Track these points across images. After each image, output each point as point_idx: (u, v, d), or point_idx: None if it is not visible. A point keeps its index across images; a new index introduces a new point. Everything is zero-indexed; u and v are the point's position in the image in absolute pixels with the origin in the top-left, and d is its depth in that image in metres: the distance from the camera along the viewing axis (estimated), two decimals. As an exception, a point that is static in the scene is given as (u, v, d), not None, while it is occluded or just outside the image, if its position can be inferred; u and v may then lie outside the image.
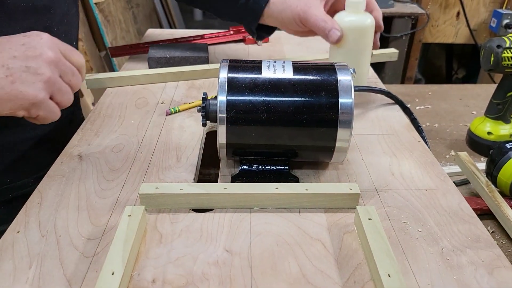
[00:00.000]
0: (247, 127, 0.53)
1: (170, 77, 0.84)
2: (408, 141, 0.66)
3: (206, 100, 0.55)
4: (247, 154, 0.57)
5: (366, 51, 0.73)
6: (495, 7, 1.98)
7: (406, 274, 0.43)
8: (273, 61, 0.56)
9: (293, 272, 0.43)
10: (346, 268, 0.44)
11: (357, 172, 0.59)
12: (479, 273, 0.44)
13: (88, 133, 0.66)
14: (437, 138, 0.92)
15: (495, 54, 0.76)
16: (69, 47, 0.55)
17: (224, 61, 0.56)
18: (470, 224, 0.50)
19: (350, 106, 0.52)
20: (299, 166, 0.60)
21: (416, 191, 0.55)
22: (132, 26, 2.29)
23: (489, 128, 0.84)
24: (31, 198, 0.53)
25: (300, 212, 0.51)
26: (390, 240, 0.47)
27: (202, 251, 0.45)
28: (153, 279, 0.42)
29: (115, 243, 0.43)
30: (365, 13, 0.71)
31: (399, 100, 0.77)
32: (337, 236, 0.48)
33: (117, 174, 0.57)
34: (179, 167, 0.59)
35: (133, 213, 0.47)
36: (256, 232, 0.48)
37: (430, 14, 2.00)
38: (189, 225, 0.49)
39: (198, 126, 0.69)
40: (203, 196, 0.51)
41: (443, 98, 1.10)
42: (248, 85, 0.53)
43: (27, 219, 0.49)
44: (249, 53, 0.99)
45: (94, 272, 0.43)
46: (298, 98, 0.52)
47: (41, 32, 0.53)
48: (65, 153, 0.61)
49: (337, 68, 0.55)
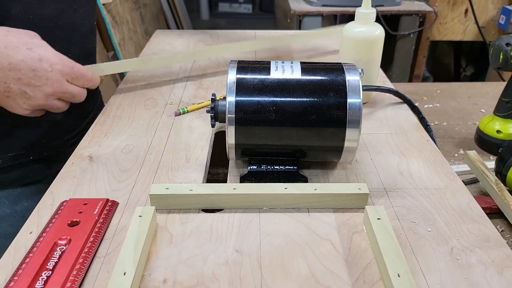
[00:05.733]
0: (256, 127, 0.53)
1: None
2: (416, 140, 0.66)
3: (215, 101, 0.55)
4: (256, 154, 0.57)
5: (375, 62, 0.74)
6: (504, 4, 1.97)
7: (415, 274, 0.43)
8: (281, 62, 0.56)
9: (303, 272, 0.43)
10: (356, 268, 0.44)
11: (365, 171, 0.59)
12: (489, 273, 0.44)
13: (98, 135, 0.67)
14: (445, 136, 0.91)
15: (504, 52, 0.75)
16: (80, 71, 0.62)
17: (232, 62, 0.56)
18: (479, 224, 0.50)
19: (359, 106, 0.52)
20: (308, 166, 0.60)
21: (425, 190, 0.55)
22: (140, 26, 2.29)
23: (498, 126, 0.84)
24: (43, 199, 0.53)
25: (309, 212, 0.51)
26: (399, 240, 0.47)
27: (212, 251, 0.46)
28: (164, 279, 0.43)
29: (126, 244, 0.44)
30: (374, 24, 0.71)
31: (407, 99, 0.77)
32: (346, 236, 0.48)
33: (127, 175, 0.58)
34: (188, 168, 0.59)
35: (144, 214, 0.47)
36: (265, 232, 0.48)
37: (438, 11, 1.99)
38: (199, 226, 0.49)
39: (207, 127, 0.69)
40: (213, 196, 0.51)
41: (452, 96, 1.10)
42: (257, 86, 0.53)
43: (40, 220, 0.50)
44: (257, 54, 0.99)
45: (106, 272, 0.43)
46: (307, 98, 0.53)
47: (55, 62, 0.59)
48: (75, 155, 0.62)
49: (345, 68, 0.55)
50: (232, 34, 1.11)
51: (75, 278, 0.42)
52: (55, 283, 0.41)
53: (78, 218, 0.49)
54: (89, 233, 0.47)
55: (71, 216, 0.49)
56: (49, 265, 0.43)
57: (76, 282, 0.41)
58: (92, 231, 0.47)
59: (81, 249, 0.45)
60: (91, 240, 0.46)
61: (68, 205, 0.51)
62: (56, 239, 0.46)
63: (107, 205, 0.51)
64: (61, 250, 0.45)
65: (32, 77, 0.57)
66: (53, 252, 0.45)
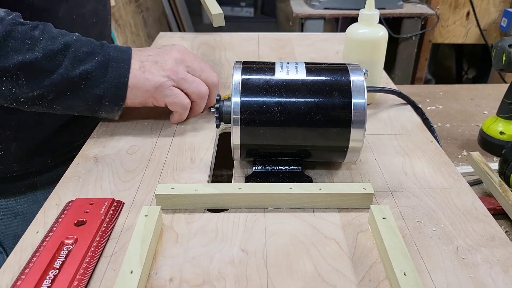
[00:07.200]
0: (261, 128, 0.53)
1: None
2: (420, 141, 0.67)
3: (220, 102, 0.55)
4: (260, 155, 0.58)
5: (378, 63, 0.74)
6: (506, 7, 1.97)
7: (421, 273, 0.43)
8: (286, 62, 0.57)
9: (309, 271, 0.44)
10: (361, 267, 0.44)
11: (370, 172, 0.59)
12: (494, 272, 0.44)
13: (103, 135, 0.67)
14: (448, 138, 0.92)
15: (506, 54, 0.76)
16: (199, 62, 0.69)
17: (237, 63, 0.56)
18: (484, 223, 0.50)
19: (363, 106, 0.52)
20: (312, 167, 0.60)
21: (429, 190, 0.56)
22: (142, 30, 2.30)
23: (502, 127, 0.84)
24: (49, 199, 0.54)
25: (314, 212, 0.52)
26: (405, 239, 0.47)
27: (218, 250, 0.46)
28: (171, 278, 0.43)
29: (133, 243, 0.44)
30: (377, 25, 0.72)
31: (411, 100, 0.77)
32: (352, 235, 0.48)
33: (133, 175, 0.58)
34: (193, 168, 0.60)
35: (150, 213, 0.48)
36: (271, 232, 0.49)
37: (440, 14, 2.00)
38: (205, 225, 0.50)
39: (212, 127, 0.69)
40: (218, 196, 0.52)
41: (454, 98, 1.10)
42: (262, 86, 0.53)
43: (46, 220, 0.50)
44: (260, 56, 0.99)
45: (112, 271, 0.43)
46: (312, 98, 0.53)
47: (175, 45, 0.69)
48: (81, 155, 0.62)
49: (350, 68, 0.55)
50: (235, 36, 1.12)
51: (82, 277, 0.42)
52: (62, 282, 0.41)
53: (85, 218, 0.49)
54: (96, 232, 0.47)
55: (77, 216, 0.49)
56: (56, 264, 0.43)
57: (83, 281, 0.42)
58: (99, 230, 0.47)
59: (87, 249, 0.45)
60: (97, 239, 0.46)
61: (74, 205, 0.51)
62: (63, 238, 0.46)
63: (113, 205, 0.52)
64: (67, 249, 0.45)
65: (158, 52, 0.66)
66: (60, 252, 0.45)
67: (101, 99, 0.61)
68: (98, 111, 0.63)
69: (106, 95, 0.61)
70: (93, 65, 0.59)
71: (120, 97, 0.62)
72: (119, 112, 0.64)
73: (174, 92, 0.65)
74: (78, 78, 0.59)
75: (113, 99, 0.62)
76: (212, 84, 0.69)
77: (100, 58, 0.60)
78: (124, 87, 0.62)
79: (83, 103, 0.61)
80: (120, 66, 0.62)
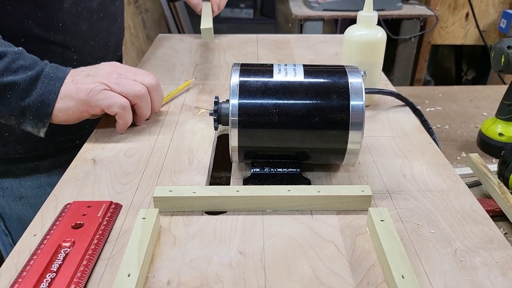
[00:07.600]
0: (259, 130, 0.53)
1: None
2: (419, 142, 0.67)
3: (218, 104, 0.55)
4: (259, 157, 0.58)
5: (377, 65, 0.74)
6: (505, 8, 1.97)
7: (419, 275, 0.43)
8: (284, 64, 0.57)
9: (307, 273, 0.44)
10: (359, 270, 0.44)
11: (368, 174, 0.59)
12: (493, 274, 0.44)
13: (102, 138, 0.67)
14: (447, 139, 0.91)
15: (505, 55, 0.76)
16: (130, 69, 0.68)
17: (235, 65, 0.56)
18: (483, 225, 0.50)
19: (362, 108, 0.52)
20: (311, 169, 0.60)
21: (428, 192, 0.55)
22: (142, 31, 2.30)
23: (501, 129, 0.84)
24: (47, 202, 0.53)
25: (313, 214, 0.52)
26: (403, 242, 0.47)
27: (216, 253, 0.46)
28: (168, 281, 0.43)
29: (130, 246, 0.44)
30: (376, 27, 0.72)
31: (409, 102, 0.77)
32: (350, 237, 0.48)
33: (131, 177, 0.58)
34: (191, 170, 0.60)
35: (148, 216, 0.48)
36: (269, 234, 0.49)
37: (439, 15, 2.00)
38: (203, 228, 0.49)
39: (210, 130, 0.69)
40: (216, 198, 0.52)
41: (453, 100, 1.10)
42: (260, 89, 0.53)
43: (43, 222, 0.50)
44: (259, 58, 0.99)
45: (109, 274, 0.43)
46: (310, 100, 0.53)
47: (110, 62, 0.68)
48: (79, 158, 0.62)
49: (348, 70, 0.55)
50: (233, 38, 1.12)
51: (79, 280, 0.42)
52: (59, 285, 0.41)
53: (82, 221, 0.49)
54: (93, 235, 0.47)
55: (75, 219, 0.49)
56: (53, 267, 0.43)
57: (80, 284, 0.41)
58: (96, 233, 0.47)
59: (85, 251, 0.45)
60: (95, 242, 0.46)
61: (72, 207, 0.51)
62: (60, 241, 0.46)
63: (110, 207, 0.51)
64: (65, 252, 0.45)
65: (91, 68, 0.66)
66: (57, 254, 0.45)
67: (25, 111, 0.61)
68: (22, 123, 0.62)
69: (30, 109, 0.61)
70: (22, 78, 0.59)
71: (45, 113, 0.61)
72: (45, 129, 0.63)
73: (107, 94, 0.63)
74: (3, 86, 0.59)
75: (37, 114, 0.61)
76: (149, 84, 0.67)
77: (33, 73, 0.60)
78: (51, 105, 0.61)
79: (7, 112, 0.61)
80: (51, 83, 0.61)
